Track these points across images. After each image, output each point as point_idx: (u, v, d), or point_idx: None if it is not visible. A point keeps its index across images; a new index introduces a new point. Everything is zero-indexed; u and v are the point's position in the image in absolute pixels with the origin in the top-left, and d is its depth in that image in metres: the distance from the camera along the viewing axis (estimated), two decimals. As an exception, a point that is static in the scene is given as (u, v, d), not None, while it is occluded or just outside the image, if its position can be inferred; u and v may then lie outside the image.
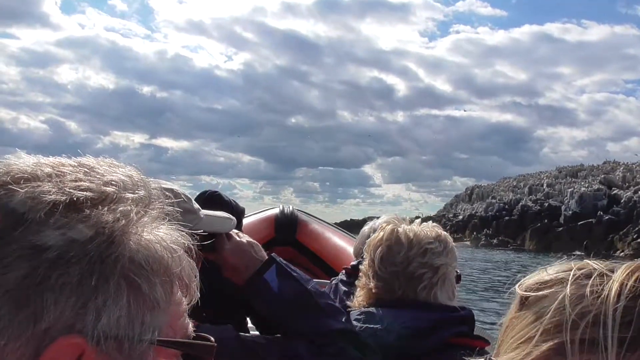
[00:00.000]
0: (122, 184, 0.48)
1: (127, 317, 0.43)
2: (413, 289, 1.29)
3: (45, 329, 0.40)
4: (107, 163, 0.50)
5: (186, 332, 0.50)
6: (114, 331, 0.42)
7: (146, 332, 0.44)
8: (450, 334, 1.26)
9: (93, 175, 0.47)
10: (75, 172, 0.47)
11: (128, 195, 0.47)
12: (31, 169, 0.45)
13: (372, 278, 1.35)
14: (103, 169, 0.49)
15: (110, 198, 0.46)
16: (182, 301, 0.50)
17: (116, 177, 0.48)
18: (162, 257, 0.46)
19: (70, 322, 0.41)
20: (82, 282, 0.41)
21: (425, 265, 1.29)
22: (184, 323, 0.50)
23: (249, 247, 1.22)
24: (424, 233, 1.34)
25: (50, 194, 0.43)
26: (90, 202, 0.44)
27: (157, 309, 0.45)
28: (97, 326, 0.41)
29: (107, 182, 0.47)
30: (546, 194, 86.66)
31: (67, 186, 0.44)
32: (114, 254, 0.43)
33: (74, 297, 0.41)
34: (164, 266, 0.46)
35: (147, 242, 0.46)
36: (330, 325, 1.13)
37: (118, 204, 0.46)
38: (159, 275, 0.46)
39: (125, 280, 0.43)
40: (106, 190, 0.46)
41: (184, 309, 0.50)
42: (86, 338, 0.41)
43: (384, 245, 1.34)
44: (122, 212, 0.45)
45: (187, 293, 0.51)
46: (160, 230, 0.48)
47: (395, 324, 1.24)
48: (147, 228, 0.47)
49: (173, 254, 0.47)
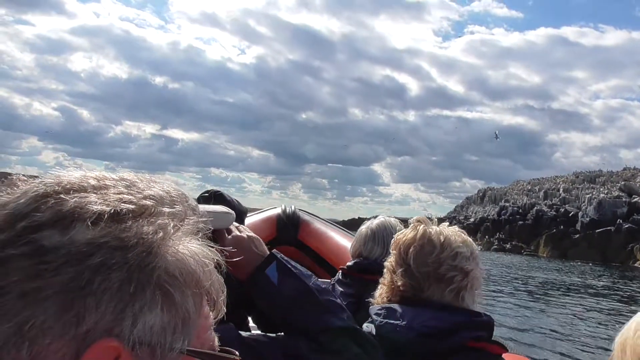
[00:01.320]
0: (160, 199, 0.51)
1: (160, 325, 0.45)
2: (441, 290, 1.31)
3: (87, 330, 0.43)
4: (146, 179, 0.54)
5: (212, 345, 0.53)
6: (148, 337, 0.45)
7: (177, 341, 0.46)
8: (469, 337, 1.26)
9: (133, 190, 0.51)
10: (117, 186, 0.50)
11: (165, 209, 0.50)
12: (79, 181, 0.49)
13: (402, 276, 1.35)
14: (143, 185, 0.52)
15: (149, 211, 0.49)
16: (209, 315, 0.52)
17: (154, 192, 0.51)
18: (194, 270, 0.49)
19: (109, 326, 0.43)
20: (122, 289, 0.44)
21: (456, 269, 1.31)
22: (210, 336, 0.52)
23: (249, 242, 1.22)
24: (453, 236, 1.36)
25: (97, 204, 0.46)
26: (131, 214, 0.47)
27: (188, 319, 0.48)
28: (134, 331, 0.44)
29: (146, 196, 0.50)
30: (562, 199, 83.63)
31: (111, 198, 0.48)
32: (151, 264, 0.46)
33: (114, 302, 0.43)
34: (195, 279, 0.49)
35: (182, 255, 0.48)
36: (332, 322, 1.12)
37: (156, 217, 0.49)
38: (191, 288, 0.48)
39: (160, 289, 0.46)
40: (146, 203, 0.49)
41: (210, 323, 0.53)
42: (123, 342, 0.43)
43: (417, 244, 1.36)
44: (160, 225, 0.48)
45: (215, 308, 0.53)
46: (193, 245, 0.50)
47: (416, 322, 1.26)
48: (181, 241, 0.49)
49: (204, 268, 0.50)
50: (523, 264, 43.68)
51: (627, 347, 0.69)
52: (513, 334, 11.17)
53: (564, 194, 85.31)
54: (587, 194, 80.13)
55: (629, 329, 0.71)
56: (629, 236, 65.42)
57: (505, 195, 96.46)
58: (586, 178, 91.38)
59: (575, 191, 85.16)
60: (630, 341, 0.68)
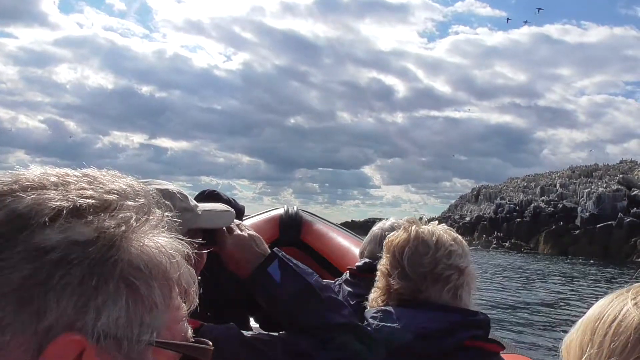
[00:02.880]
0: (123, 193, 0.50)
1: (126, 318, 0.45)
2: (439, 290, 1.31)
3: (48, 326, 0.42)
4: (109, 174, 0.53)
5: (185, 336, 0.52)
6: (113, 330, 0.44)
7: (144, 333, 0.46)
8: (466, 337, 1.26)
9: (96, 185, 0.50)
10: (79, 182, 0.50)
11: (129, 203, 0.50)
12: (38, 178, 0.48)
13: (398, 278, 1.34)
14: (106, 179, 0.51)
15: (112, 206, 0.48)
16: (181, 306, 0.52)
17: (118, 186, 0.51)
18: (160, 262, 0.48)
19: (72, 321, 0.43)
20: (83, 283, 0.43)
21: (451, 267, 1.31)
22: (183, 327, 0.52)
23: (250, 240, 1.22)
24: (445, 235, 1.37)
25: (55, 201, 0.46)
26: (92, 209, 0.47)
27: (156, 311, 0.47)
28: (97, 325, 0.43)
29: (109, 190, 0.50)
30: (560, 194, 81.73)
31: (72, 194, 0.47)
32: (113, 257, 0.45)
33: (75, 296, 0.43)
34: (162, 271, 0.48)
35: (147, 247, 0.48)
36: (334, 319, 1.13)
37: (119, 211, 0.48)
38: (158, 279, 0.48)
39: (124, 282, 0.45)
40: (108, 198, 0.49)
41: (182, 314, 0.52)
42: (86, 336, 0.43)
43: (411, 245, 1.35)
44: (123, 218, 0.48)
45: (186, 299, 0.52)
46: (160, 238, 0.50)
47: (413, 324, 1.26)
48: (146, 235, 0.49)
49: (171, 259, 0.49)
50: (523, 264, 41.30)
51: (570, 346, 0.69)
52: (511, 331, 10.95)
53: (560, 189, 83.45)
54: (585, 188, 78.32)
55: (574, 327, 0.71)
56: (630, 230, 63.51)
57: (500, 193, 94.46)
58: (582, 172, 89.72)
59: (572, 186, 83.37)
60: (574, 342, 0.68)
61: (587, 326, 0.68)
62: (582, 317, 0.71)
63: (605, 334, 0.64)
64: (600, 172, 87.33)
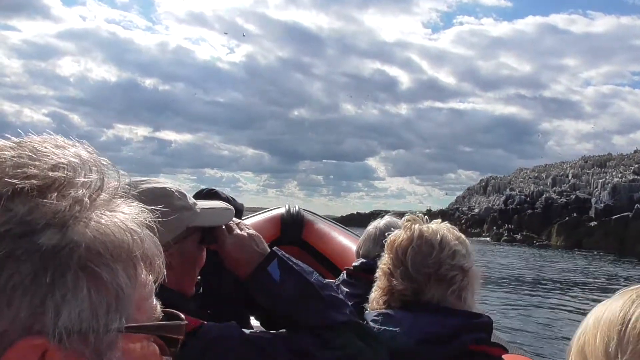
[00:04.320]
0: (71, 166, 0.43)
1: (89, 309, 0.40)
2: (443, 291, 1.28)
3: (2, 332, 0.38)
4: (52, 142, 0.45)
5: (154, 314, 0.48)
6: (77, 326, 0.39)
7: (112, 321, 0.42)
8: (469, 341, 1.24)
9: (38, 159, 0.42)
10: (17, 157, 0.42)
11: (78, 178, 0.43)
12: None
13: (402, 279, 1.31)
14: (49, 151, 0.43)
15: (59, 183, 0.41)
16: (147, 281, 0.47)
17: (64, 159, 0.43)
18: (121, 240, 0.43)
19: (28, 323, 0.38)
20: (36, 280, 0.38)
21: (456, 268, 1.29)
22: (151, 304, 0.48)
23: (249, 240, 1.21)
24: (449, 234, 1.34)
25: None
26: (36, 190, 0.40)
27: (122, 295, 0.43)
28: (58, 323, 0.39)
29: (54, 165, 0.42)
30: (572, 185, 79.07)
31: (8, 175, 0.40)
32: (68, 245, 0.39)
33: (29, 296, 0.38)
34: (125, 250, 0.43)
35: (104, 226, 0.42)
36: (335, 318, 1.12)
37: (68, 189, 0.42)
38: (121, 261, 0.43)
39: (83, 271, 0.40)
40: (54, 175, 0.41)
41: (150, 289, 0.48)
42: (47, 337, 0.38)
43: (414, 245, 1.31)
44: (74, 197, 0.41)
45: (152, 270, 0.48)
46: (118, 211, 0.45)
47: (415, 328, 1.23)
48: (102, 211, 0.43)
49: (134, 235, 0.44)
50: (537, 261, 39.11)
51: (586, 351, 0.66)
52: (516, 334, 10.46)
53: (573, 179, 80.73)
54: (600, 178, 75.59)
55: (585, 329, 0.68)
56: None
57: (510, 184, 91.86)
58: (595, 162, 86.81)
59: (585, 176, 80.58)
60: (592, 346, 0.65)
61: (611, 329, 0.64)
62: (592, 316, 0.67)
63: (638, 340, 0.61)
64: (615, 161, 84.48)
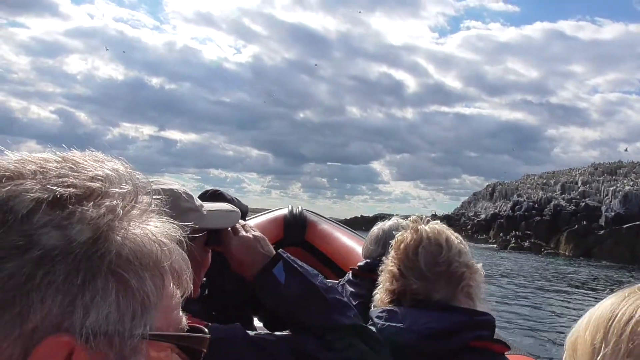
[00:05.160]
0: (107, 179, 0.47)
1: (116, 313, 0.43)
2: (453, 289, 1.32)
3: (33, 328, 0.40)
4: (92, 157, 0.49)
5: (179, 325, 0.50)
6: (104, 327, 0.42)
7: (137, 327, 0.44)
8: (471, 337, 1.26)
9: (78, 171, 0.46)
10: (59, 169, 0.45)
11: (114, 189, 0.46)
12: (14, 167, 0.44)
13: (415, 279, 1.33)
14: (88, 164, 0.47)
15: (96, 193, 0.45)
16: (174, 294, 0.49)
17: (102, 171, 0.47)
18: (150, 250, 0.46)
19: (58, 321, 0.40)
20: (68, 280, 0.41)
21: (464, 265, 1.33)
22: (177, 316, 0.49)
23: (255, 242, 1.22)
24: (450, 234, 1.38)
25: (33, 192, 0.42)
26: (74, 198, 0.43)
27: (148, 303, 0.45)
28: (86, 323, 0.41)
29: (92, 177, 0.46)
30: (582, 192, 77.33)
31: (51, 183, 0.43)
32: (100, 250, 0.42)
33: (60, 295, 0.40)
34: (153, 260, 0.46)
35: (135, 236, 0.45)
36: (339, 320, 1.12)
37: (104, 199, 0.45)
38: (149, 270, 0.45)
39: (113, 276, 0.43)
40: (91, 185, 0.45)
41: (177, 302, 0.50)
42: (75, 336, 0.41)
43: (424, 245, 1.34)
44: (108, 207, 0.44)
45: (180, 285, 0.50)
46: (150, 224, 0.48)
47: (418, 324, 1.26)
48: (134, 222, 0.46)
49: (162, 247, 0.47)
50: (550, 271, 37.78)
51: (577, 345, 0.68)
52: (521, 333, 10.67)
53: (582, 187, 78.96)
54: (610, 186, 73.81)
55: (579, 325, 0.70)
56: (661, 232, 59.12)
57: (517, 190, 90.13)
58: (606, 170, 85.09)
59: (595, 184, 78.80)
60: (582, 340, 0.67)
61: (599, 325, 0.66)
62: (587, 314, 0.70)
63: (621, 334, 0.63)
64: (625, 169, 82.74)
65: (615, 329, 0.64)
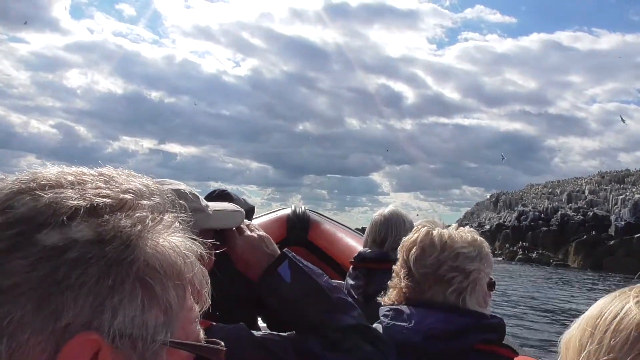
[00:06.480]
0: (139, 192, 0.51)
1: (141, 317, 0.46)
2: (442, 291, 1.31)
3: (65, 325, 0.43)
4: (125, 173, 0.54)
5: (197, 337, 0.52)
6: (129, 330, 0.45)
7: (159, 333, 0.47)
8: (477, 340, 1.26)
9: (112, 184, 0.50)
10: (95, 181, 0.50)
11: (144, 202, 0.50)
12: (55, 177, 0.49)
13: (404, 278, 1.37)
14: (122, 179, 0.52)
15: (128, 205, 0.49)
16: (194, 307, 0.52)
17: (134, 185, 0.51)
18: (175, 262, 0.49)
19: (88, 320, 0.43)
20: (100, 282, 0.44)
21: (457, 269, 1.30)
22: (195, 328, 0.52)
23: (260, 241, 1.22)
24: (459, 237, 1.36)
25: (72, 200, 0.46)
26: (109, 208, 0.47)
27: (170, 311, 0.48)
28: (113, 324, 0.44)
29: (125, 190, 0.50)
30: (589, 201, 75.20)
31: (88, 193, 0.48)
32: (130, 257, 0.46)
33: (92, 296, 0.43)
34: (177, 271, 0.49)
35: (162, 247, 0.49)
36: (343, 321, 1.12)
37: (135, 210, 0.49)
38: (172, 279, 0.48)
39: (140, 282, 0.46)
40: (124, 197, 0.49)
41: (195, 315, 0.53)
42: (102, 335, 0.44)
43: (417, 246, 1.37)
44: (139, 218, 0.48)
45: (199, 300, 0.53)
46: (175, 237, 0.51)
47: (424, 324, 1.26)
48: (162, 234, 0.50)
49: (186, 259, 0.50)
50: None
51: (570, 341, 0.70)
52: None
53: (590, 196, 76.81)
54: (619, 195, 71.66)
55: (572, 327, 0.72)
56: (674, 241, 56.91)
57: (522, 200, 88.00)
58: (613, 178, 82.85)
59: (602, 193, 76.65)
60: (574, 338, 0.68)
61: (588, 323, 0.69)
62: (583, 314, 0.72)
63: (605, 331, 0.65)
64: (634, 177, 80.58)
65: (600, 327, 0.66)
